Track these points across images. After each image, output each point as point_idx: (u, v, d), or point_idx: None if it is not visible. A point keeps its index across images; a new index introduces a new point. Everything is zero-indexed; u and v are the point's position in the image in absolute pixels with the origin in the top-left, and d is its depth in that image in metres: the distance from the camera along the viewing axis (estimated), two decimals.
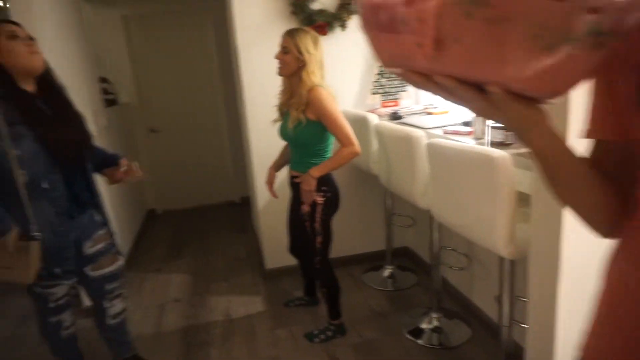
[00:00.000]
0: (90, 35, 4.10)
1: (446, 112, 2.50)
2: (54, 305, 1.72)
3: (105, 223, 1.81)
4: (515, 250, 1.41)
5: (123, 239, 3.44)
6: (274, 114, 2.16)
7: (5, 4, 2.33)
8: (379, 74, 2.78)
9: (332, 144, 2.05)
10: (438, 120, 2.29)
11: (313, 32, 1.94)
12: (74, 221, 1.66)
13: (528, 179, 1.37)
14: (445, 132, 1.99)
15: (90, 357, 2.12)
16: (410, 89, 2.87)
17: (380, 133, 2.21)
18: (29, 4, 2.22)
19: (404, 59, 0.51)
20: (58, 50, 2.51)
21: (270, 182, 2.27)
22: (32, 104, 1.52)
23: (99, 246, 1.76)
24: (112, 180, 1.85)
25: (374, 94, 2.82)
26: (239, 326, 2.45)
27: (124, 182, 1.84)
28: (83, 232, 1.71)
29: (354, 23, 2.68)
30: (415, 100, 2.92)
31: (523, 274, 1.51)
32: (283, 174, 2.34)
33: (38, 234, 1.52)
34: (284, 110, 2.06)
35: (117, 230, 3.41)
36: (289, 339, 2.31)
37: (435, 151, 1.65)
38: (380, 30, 0.53)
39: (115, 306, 1.88)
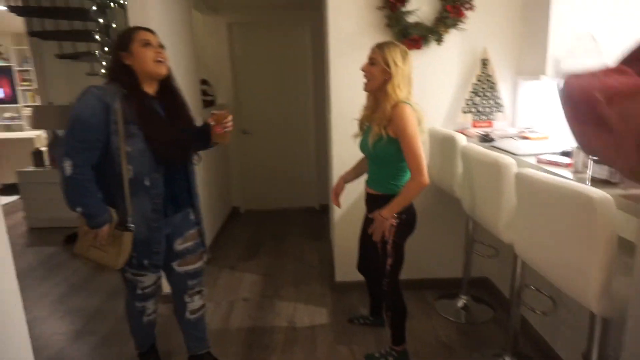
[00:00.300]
0: (198, 41, 4.44)
1: (546, 138, 2.27)
2: (140, 292, 1.85)
3: (198, 223, 1.91)
4: (609, 307, 1.22)
5: (207, 233, 3.65)
6: (356, 127, 2.13)
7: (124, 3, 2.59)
8: (473, 92, 2.63)
9: None
10: (534, 146, 2.08)
11: (403, 47, 1.88)
12: (168, 219, 1.76)
13: (634, 225, 1.18)
14: (540, 162, 1.80)
15: (163, 342, 2.26)
16: (508, 109, 2.67)
17: (466, 156, 2.07)
18: (145, 8, 2.43)
19: (607, 156, 0.48)
20: (169, 51, 2.73)
21: (337, 192, 2.24)
22: (149, 106, 1.65)
23: (188, 244, 1.87)
24: (220, 138, 1.89)
25: (465, 112, 2.66)
26: (301, 336, 2.45)
27: (227, 132, 1.86)
28: (176, 229, 1.82)
29: (451, 37, 2.56)
30: (512, 122, 2.71)
31: (619, 332, 1.30)
32: (361, 186, 2.30)
33: (132, 225, 1.65)
34: (366, 124, 2.02)
35: (205, 223, 3.64)
36: (349, 357, 2.25)
37: (524, 183, 1.49)
38: (580, 121, 0.50)
39: (194, 302, 1.96)
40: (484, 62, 2.59)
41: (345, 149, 2.65)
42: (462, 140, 2.23)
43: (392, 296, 2.07)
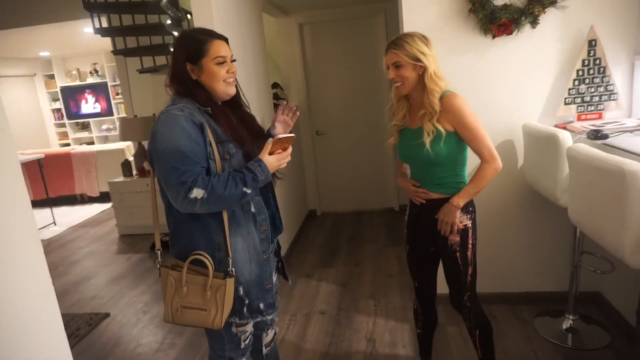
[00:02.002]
0: (270, 44, 4.41)
1: None
2: (244, 345, 1.55)
3: (279, 246, 1.70)
4: None
5: (283, 239, 3.59)
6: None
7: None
8: (577, 79, 2.24)
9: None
10: None
11: (418, 33, 1.64)
12: (272, 245, 1.55)
13: None
14: None
15: None
16: (622, 97, 2.24)
17: (574, 160, 1.74)
18: (210, 16, 2.38)
19: None
20: (238, 59, 2.68)
21: (420, 195, 1.80)
22: (234, 122, 1.45)
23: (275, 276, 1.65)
24: (285, 128, 1.69)
25: (568, 104, 2.28)
26: (381, 356, 2.26)
27: (292, 118, 1.69)
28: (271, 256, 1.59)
29: (548, 18, 2.20)
30: (628, 112, 2.28)
31: None
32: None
33: (232, 270, 1.38)
34: (402, 127, 1.76)
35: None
36: None
37: None
38: None
39: (269, 335, 1.76)
40: (591, 44, 2.19)
41: None
42: (566, 139, 1.89)
43: (477, 311, 1.81)
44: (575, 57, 2.23)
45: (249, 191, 1.32)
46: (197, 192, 1.26)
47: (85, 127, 8.70)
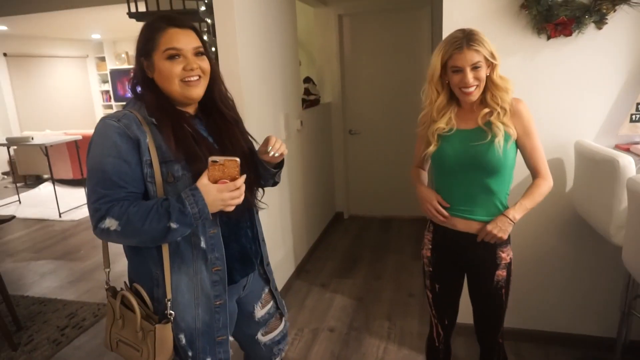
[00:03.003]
0: (306, 36, 4.19)
1: None
2: None
3: (267, 276, 1.43)
4: None
5: (303, 242, 3.41)
6: None
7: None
8: None
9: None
10: None
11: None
12: (236, 286, 1.28)
13: None
14: None
15: None
16: None
17: (637, 194, 1.41)
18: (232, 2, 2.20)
19: None
20: (261, 49, 2.50)
21: (443, 213, 1.53)
22: (193, 133, 1.15)
23: (269, 306, 1.44)
24: (269, 159, 1.28)
25: (634, 121, 1.93)
26: None
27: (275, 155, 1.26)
28: (251, 293, 1.37)
29: (617, 17, 1.85)
30: None
31: None
32: None
33: (171, 313, 1.15)
34: (446, 132, 1.48)
35: (303, 232, 3.43)
36: None
37: None
38: None
39: None
40: None
41: None
42: (629, 166, 1.55)
43: (503, 350, 1.66)
44: None
45: (175, 226, 1.04)
46: (110, 223, 1.04)
47: None
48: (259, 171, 1.32)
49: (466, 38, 1.34)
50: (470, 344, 1.96)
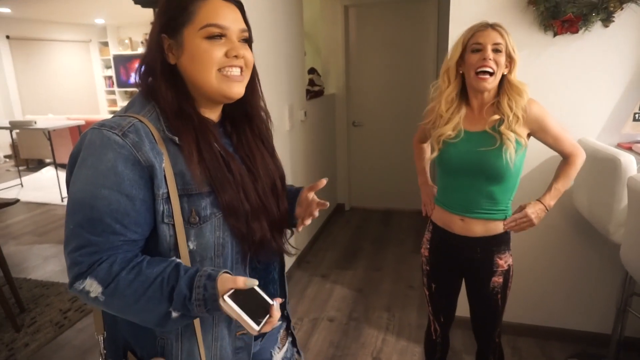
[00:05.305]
0: (312, 26, 4.17)
1: None
2: None
3: (288, 317, 1.13)
4: None
5: (304, 233, 3.43)
6: None
7: None
8: None
9: None
10: None
11: None
12: (256, 342, 0.98)
13: None
14: None
15: None
16: None
17: (636, 193, 1.43)
18: None
19: None
20: (266, 39, 2.50)
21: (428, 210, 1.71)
22: (221, 151, 0.86)
23: (285, 348, 1.13)
24: (303, 222, 1.04)
25: (637, 120, 1.93)
26: None
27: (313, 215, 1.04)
28: (268, 338, 1.05)
29: (625, 15, 1.85)
30: None
31: None
32: None
33: None
34: (455, 136, 1.44)
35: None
36: None
37: None
38: None
39: None
40: None
41: None
42: (630, 165, 1.57)
43: (500, 345, 1.69)
44: None
45: (175, 315, 0.74)
46: (91, 286, 0.73)
47: (133, 95, 8.89)
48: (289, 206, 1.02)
49: (491, 24, 1.37)
50: (469, 336, 2.00)
